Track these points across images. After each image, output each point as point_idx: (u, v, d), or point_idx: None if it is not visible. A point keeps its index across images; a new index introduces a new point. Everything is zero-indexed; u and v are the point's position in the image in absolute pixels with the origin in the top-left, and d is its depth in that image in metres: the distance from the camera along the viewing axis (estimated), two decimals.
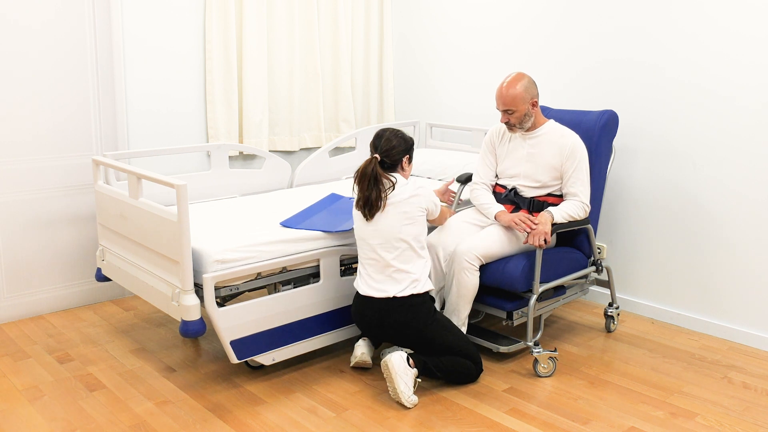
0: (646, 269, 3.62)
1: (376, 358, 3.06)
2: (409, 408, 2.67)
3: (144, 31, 3.74)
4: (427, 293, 2.79)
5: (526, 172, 3.10)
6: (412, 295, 2.73)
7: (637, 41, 3.50)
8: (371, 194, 2.73)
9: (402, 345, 2.82)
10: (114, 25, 3.61)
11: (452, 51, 4.41)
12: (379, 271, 2.75)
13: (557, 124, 3.11)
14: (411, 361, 2.69)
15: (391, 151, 2.80)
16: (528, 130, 3.09)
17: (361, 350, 2.92)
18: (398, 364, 2.64)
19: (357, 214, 2.81)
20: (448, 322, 2.84)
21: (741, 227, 3.25)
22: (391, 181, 2.76)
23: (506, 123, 3.05)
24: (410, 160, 2.89)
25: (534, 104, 3.01)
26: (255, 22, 4.06)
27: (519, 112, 2.98)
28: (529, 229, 2.88)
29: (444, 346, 2.78)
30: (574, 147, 3.01)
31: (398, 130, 2.86)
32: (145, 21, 3.73)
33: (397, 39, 4.75)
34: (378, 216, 2.75)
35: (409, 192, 2.77)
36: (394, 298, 2.72)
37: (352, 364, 2.96)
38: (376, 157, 2.78)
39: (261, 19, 4.09)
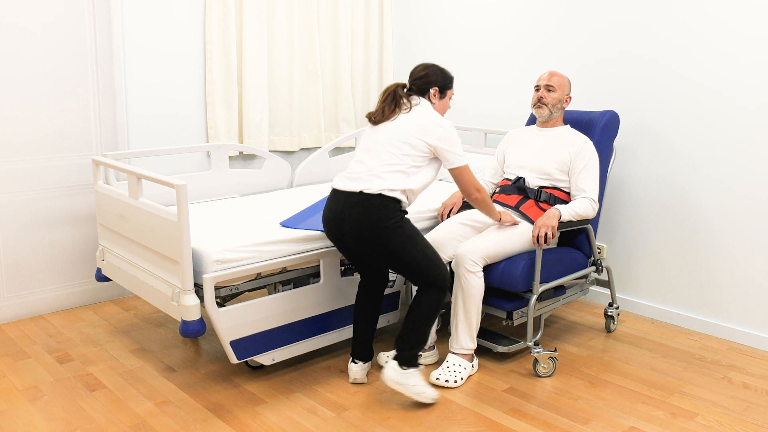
0: (646, 269, 3.62)
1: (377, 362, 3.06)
2: (433, 404, 2.68)
3: (144, 31, 3.74)
4: (399, 204, 2.63)
5: (533, 164, 3.16)
6: (380, 195, 2.60)
7: (639, 40, 3.50)
8: (384, 110, 2.72)
9: (363, 257, 2.73)
10: (114, 26, 3.61)
11: (452, 51, 4.41)
12: (359, 171, 2.67)
13: (573, 129, 3.22)
14: (403, 364, 2.64)
15: (421, 79, 2.77)
16: (547, 124, 3.20)
17: (354, 375, 2.86)
18: (394, 376, 2.62)
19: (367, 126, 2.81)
20: (415, 234, 2.66)
21: (741, 227, 3.26)
22: (410, 102, 2.72)
23: (539, 99, 3.15)
24: (441, 94, 2.80)
25: (568, 99, 3.19)
26: (255, 22, 4.06)
27: (558, 94, 3.15)
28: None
29: (406, 260, 2.61)
30: (584, 145, 3.10)
31: (441, 67, 2.82)
32: (145, 21, 3.73)
33: (397, 39, 4.75)
34: (385, 124, 2.71)
35: (429, 120, 2.65)
36: (361, 192, 2.61)
37: (350, 381, 2.93)
38: (400, 83, 2.78)
39: (261, 19, 4.09)
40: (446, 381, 2.82)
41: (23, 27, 3.37)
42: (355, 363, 2.86)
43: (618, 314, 3.44)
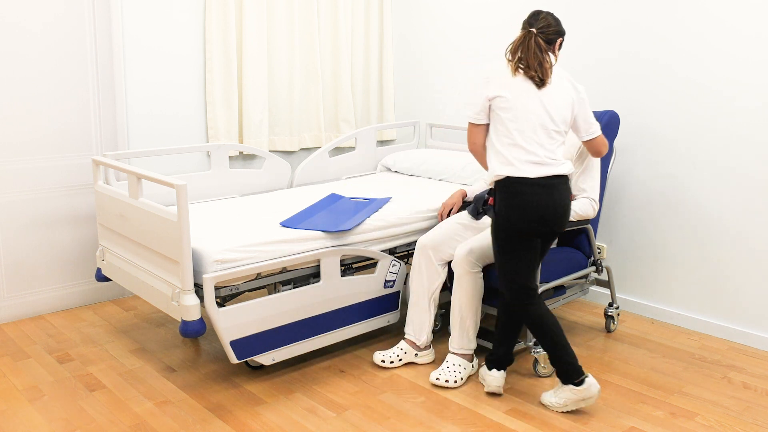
0: (646, 269, 3.62)
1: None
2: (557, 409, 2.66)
3: (144, 31, 3.74)
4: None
5: None
6: (567, 176, 2.58)
7: (639, 40, 3.50)
8: (541, 62, 2.51)
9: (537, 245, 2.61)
10: (114, 26, 3.61)
11: (452, 51, 4.41)
12: (540, 154, 2.53)
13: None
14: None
15: (548, 28, 2.57)
16: None
17: (495, 384, 2.76)
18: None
19: (518, 84, 2.54)
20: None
21: (741, 227, 3.25)
22: (550, 60, 2.57)
23: None
24: (560, 47, 2.67)
25: None
26: (255, 22, 4.06)
27: None
28: None
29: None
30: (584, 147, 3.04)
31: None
32: (145, 21, 3.73)
33: (397, 39, 4.75)
34: (545, 89, 2.54)
35: (572, 85, 2.58)
36: (556, 176, 2.54)
37: (487, 390, 2.79)
38: (533, 31, 2.55)
39: (261, 19, 4.09)
40: (446, 381, 2.82)
41: (23, 27, 3.37)
42: (497, 371, 2.77)
43: (618, 314, 3.44)
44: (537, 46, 2.54)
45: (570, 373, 2.58)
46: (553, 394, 2.67)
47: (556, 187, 2.54)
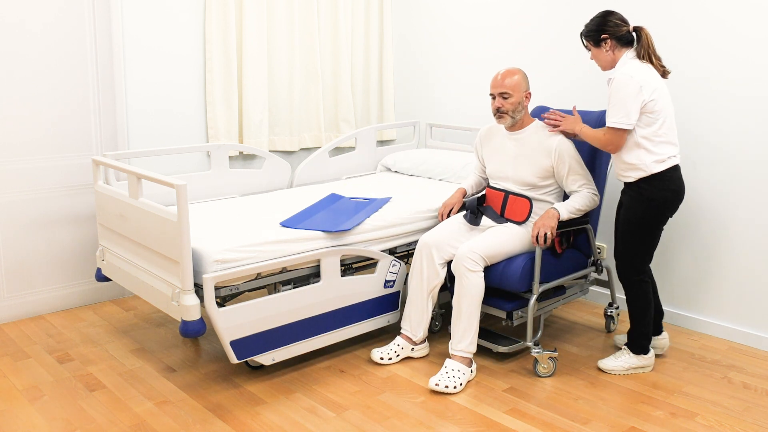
0: None
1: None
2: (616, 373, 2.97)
3: (144, 31, 3.74)
4: None
5: (514, 176, 3.08)
6: None
7: None
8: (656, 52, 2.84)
9: None
10: (114, 26, 3.61)
11: (452, 51, 4.41)
12: None
13: (543, 125, 3.07)
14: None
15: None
16: (515, 127, 3.09)
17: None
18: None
19: (661, 82, 2.77)
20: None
21: (741, 227, 3.26)
22: None
23: (497, 110, 3.00)
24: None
25: (527, 96, 3.03)
26: (255, 23, 4.06)
27: (514, 98, 2.98)
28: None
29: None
30: (560, 148, 2.98)
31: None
32: (145, 21, 3.73)
33: (397, 39, 4.75)
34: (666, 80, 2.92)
35: None
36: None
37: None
38: (638, 27, 2.83)
39: (261, 19, 4.09)
40: (446, 387, 2.80)
41: (23, 27, 3.37)
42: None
43: (618, 314, 3.44)
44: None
45: (643, 345, 2.97)
46: (614, 359, 2.99)
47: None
